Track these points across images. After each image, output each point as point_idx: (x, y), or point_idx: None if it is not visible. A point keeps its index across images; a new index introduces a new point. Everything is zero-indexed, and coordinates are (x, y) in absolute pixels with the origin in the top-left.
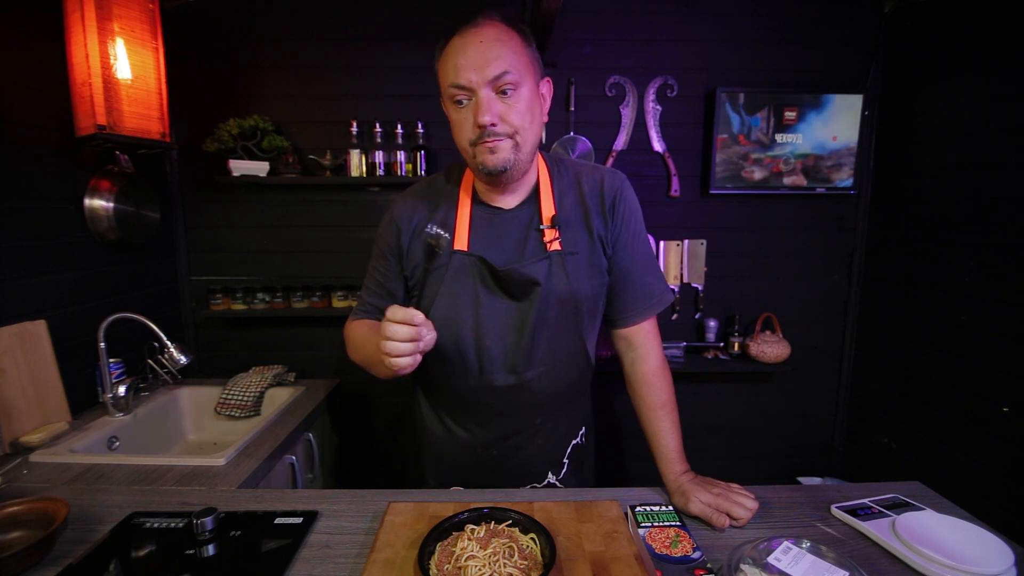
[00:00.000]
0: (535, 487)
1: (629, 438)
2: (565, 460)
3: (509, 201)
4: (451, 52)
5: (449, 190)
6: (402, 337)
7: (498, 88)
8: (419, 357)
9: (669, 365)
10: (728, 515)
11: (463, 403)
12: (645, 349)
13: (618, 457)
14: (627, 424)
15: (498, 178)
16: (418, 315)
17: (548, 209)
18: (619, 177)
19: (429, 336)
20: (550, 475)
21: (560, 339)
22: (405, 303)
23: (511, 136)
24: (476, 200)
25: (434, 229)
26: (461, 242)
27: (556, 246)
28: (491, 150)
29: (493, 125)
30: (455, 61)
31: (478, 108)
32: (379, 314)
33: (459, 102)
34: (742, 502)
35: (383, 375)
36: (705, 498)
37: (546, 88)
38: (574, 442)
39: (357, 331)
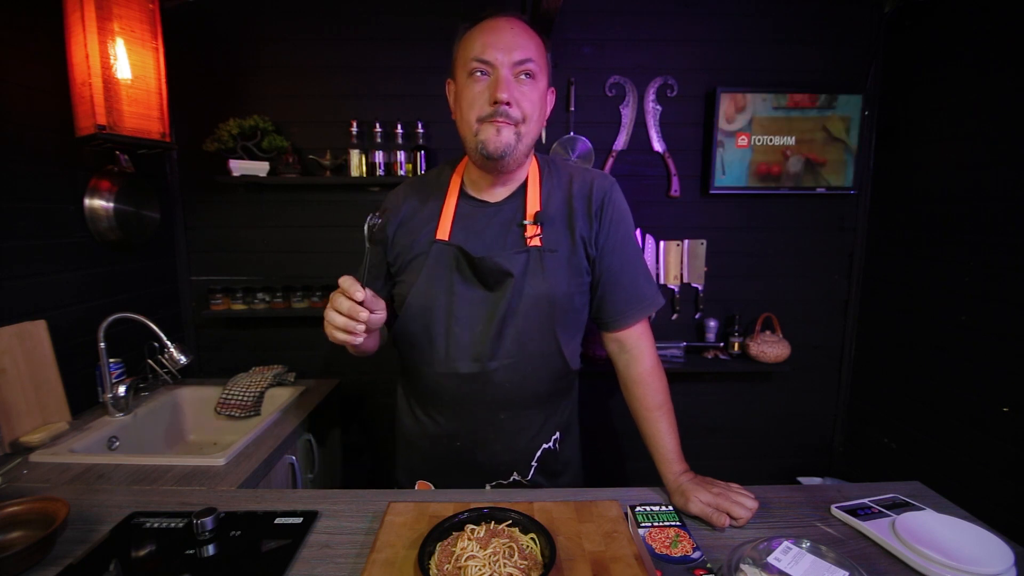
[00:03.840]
0: (501, 484)
1: (629, 438)
2: (533, 463)
3: (496, 195)
4: (479, 31)
5: (439, 184)
6: (342, 310)
7: (518, 72)
8: (361, 334)
9: (664, 365)
10: (728, 515)
11: (429, 390)
12: (639, 350)
13: (617, 458)
14: (626, 425)
15: (494, 164)
16: (359, 292)
17: (533, 206)
18: (608, 180)
19: (375, 316)
20: (515, 474)
21: (531, 334)
22: (387, 288)
23: (518, 124)
24: (463, 193)
25: (372, 218)
26: (444, 232)
27: (536, 242)
28: (497, 130)
29: (508, 105)
30: (483, 39)
31: (497, 84)
32: None
33: (479, 74)
34: (742, 501)
35: (352, 350)
36: (705, 498)
37: (550, 97)
38: (545, 446)
39: None
